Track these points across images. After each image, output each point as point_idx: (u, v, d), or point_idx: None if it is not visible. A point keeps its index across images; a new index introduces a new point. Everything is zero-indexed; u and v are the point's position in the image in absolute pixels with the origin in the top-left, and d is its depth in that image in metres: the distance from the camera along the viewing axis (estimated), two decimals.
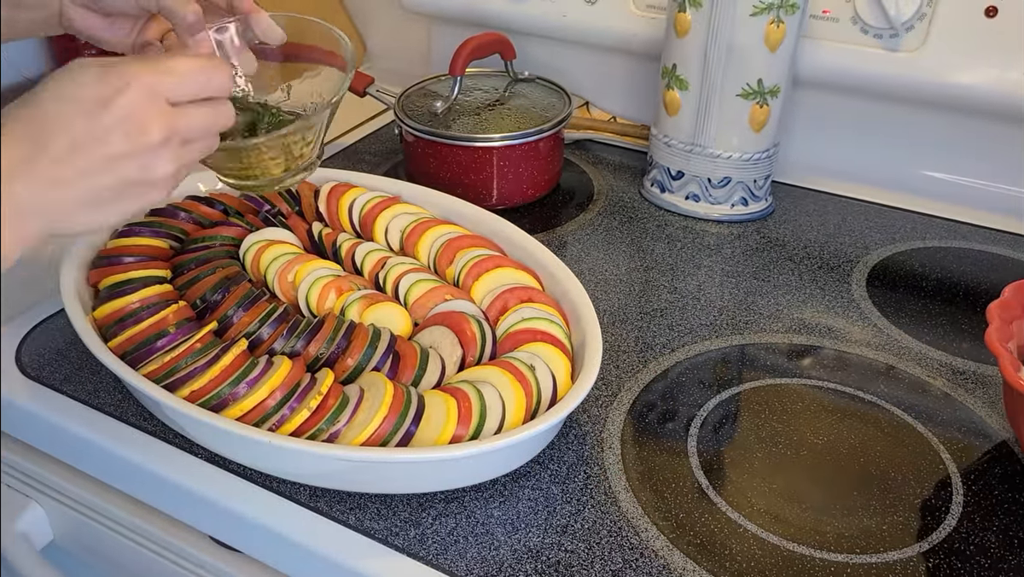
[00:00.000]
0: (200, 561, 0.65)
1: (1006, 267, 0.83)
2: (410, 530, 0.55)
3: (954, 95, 0.86)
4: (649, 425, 0.63)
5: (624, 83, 1.04)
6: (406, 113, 0.90)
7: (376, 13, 1.26)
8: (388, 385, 0.57)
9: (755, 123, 0.85)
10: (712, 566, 0.53)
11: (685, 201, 0.90)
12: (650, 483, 0.59)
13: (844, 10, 0.87)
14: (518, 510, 0.56)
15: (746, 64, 0.82)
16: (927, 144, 0.93)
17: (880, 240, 0.87)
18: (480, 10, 1.06)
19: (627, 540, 0.54)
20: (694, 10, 0.82)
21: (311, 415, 0.55)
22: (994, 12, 0.82)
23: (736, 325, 0.74)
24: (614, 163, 1.01)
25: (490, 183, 0.88)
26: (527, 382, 0.58)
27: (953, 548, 0.54)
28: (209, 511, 0.59)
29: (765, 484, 0.59)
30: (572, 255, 0.83)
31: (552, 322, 0.64)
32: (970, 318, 0.76)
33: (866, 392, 0.67)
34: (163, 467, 0.60)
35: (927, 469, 0.60)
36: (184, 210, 0.74)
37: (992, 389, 0.67)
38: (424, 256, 0.72)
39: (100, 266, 0.68)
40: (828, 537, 0.55)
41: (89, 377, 0.67)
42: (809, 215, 0.91)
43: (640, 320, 0.74)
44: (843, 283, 0.80)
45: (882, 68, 0.87)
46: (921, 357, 0.71)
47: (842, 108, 0.94)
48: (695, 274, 0.81)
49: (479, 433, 0.55)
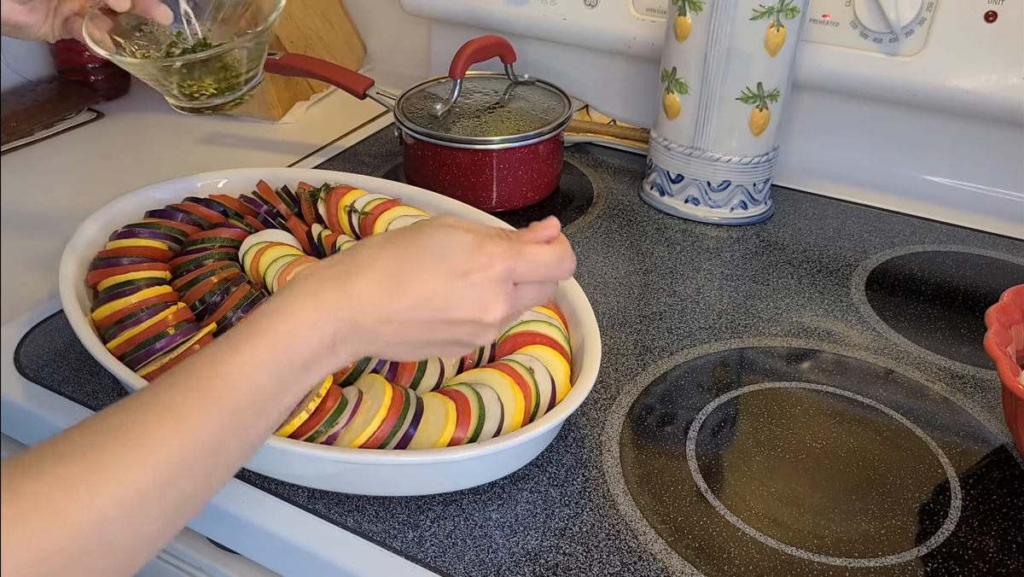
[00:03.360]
0: (198, 563, 0.65)
1: (1005, 271, 0.83)
2: (408, 532, 0.55)
3: (953, 99, 0.86)
4: (648, 428, 0.63)
5: (624, 86, 1.04)
6: (406, 115, 0.90)
7: (376, 15, 1.26)
8: (387, 387, 0.57)
9: (755, 127, 0.85)
10: (710, 569, 0.53)
11: (684, 204, 0.90)
12: (648, 486, 0.59)
13: (844, 14, 0.87)
14: (516, 513, 0.56)
15: (746, 68, 0.82)
16: (926, 148, 0.93)
17: (879, 244, 0.87)
18: (480, 13, 1.06)
19: (625, 543, 0.54)
20: (694, 13, 0.82)
21: (310, 417, 0.55)
22: (993, 17, 0.82)
23: (735, 328, 0.74)
24: (613, 166, 1.01)
25: (490, 186, 0.88)
26: (526, 385, 0.58)
27: (952, 552, 0.54)
28: (207, 513, 0.59)
29: (764, 488, 0.59)
30: None
31: (551, 325, 0.64)
32: (969, 322, 0.76)
33: (865, 396, 0.67)
34: None
35: (926, 473, 0.60)
36: (183, 211, 0.75)
37: (991, 393, 0.67)
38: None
39: (99, 267, 0.68)
40: (827, 541, 0.55)
41: (88, 379, 0.67)
42: (808, 219, 0.91)
43: (639, 323, 0.74)
44: (842, 287, 0.80)
45: (881, 72, 0.87)
46: (920, 361, 0.71)
47: (842, 112, 0.95)
48: (694, 277, 0.81)
49: (478, 436, 0.55)
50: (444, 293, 0.46)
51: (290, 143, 1.05)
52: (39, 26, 0.66)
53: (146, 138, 1.07)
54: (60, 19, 0.66)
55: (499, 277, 0.47)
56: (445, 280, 0.46)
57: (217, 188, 0.80)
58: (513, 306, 0.48)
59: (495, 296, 0.47)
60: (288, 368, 0.43)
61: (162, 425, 0.39)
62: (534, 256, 0.48)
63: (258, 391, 0.42)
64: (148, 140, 1.06)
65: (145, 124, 1.10)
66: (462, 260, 0.46)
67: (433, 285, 0.46)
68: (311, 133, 1.08)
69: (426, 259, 0.46)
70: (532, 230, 0.50)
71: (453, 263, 0.46)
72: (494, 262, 0.46)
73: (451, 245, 0.47)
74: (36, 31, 0.66)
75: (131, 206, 0.76)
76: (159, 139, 1.06)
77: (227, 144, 1.05)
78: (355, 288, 0.45)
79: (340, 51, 1.23)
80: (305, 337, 0.44)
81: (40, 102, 1.08)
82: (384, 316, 0.45)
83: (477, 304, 0.46)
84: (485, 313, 0.47)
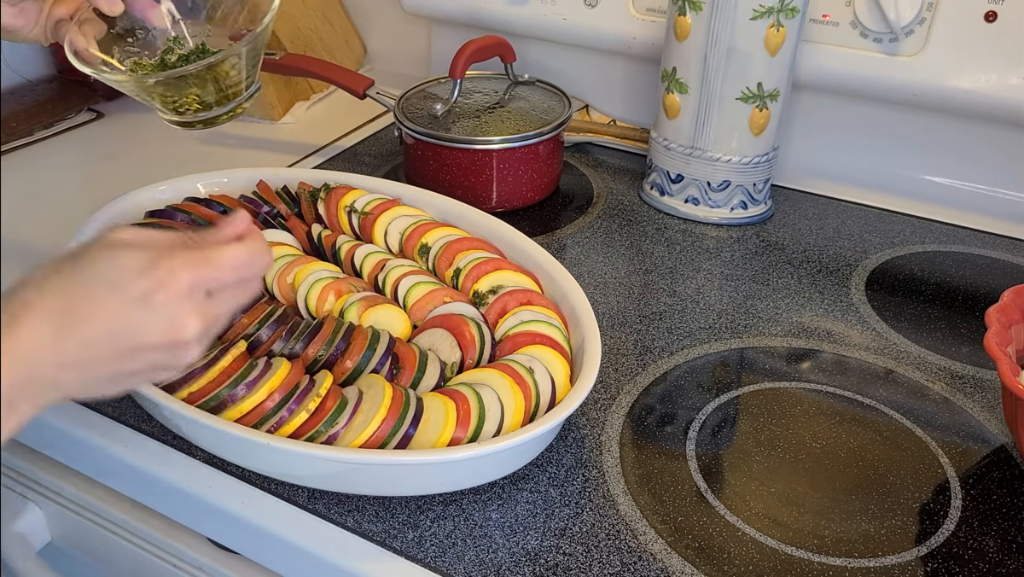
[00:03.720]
0: (198, 563, 0.65)
1: (1005, 271, 0.83)
2: (408, 532, 0.55)
3: (953, 99, 0.86)
4: (648, 428, 0.63)
5: (624, 86, 1.04)
6: (406, 115, 0.90)
7: (376, 15, 1.26)
8: (387, 387, 0.57)
9: (755, 127, 0.85)
10: (710, 569, 0.53)
11: (684, 204, 0.90)
12: (648, 486, 0.59)
13: (844, 14, 0.87)
14: (516, 513, 0.56)
15: (746, 68, 0.82)
16: (926, 148, 0.93)
17: (879, 244, 0.87)
18: (480, 13, 1.06)
19: (625, 543, 0.54)
20: (694, 13, 0.82)
21: (310, 417, 0.55)
22: (993, 17, 0.82)
23: (735, 328, 0.74)
24: (613, 166, 1.01)
25: (489, 186, 0.88)
26: (526, 385, 0.58)
27: (952, 552, 0.54)
28: (207, 513, 0.59)
29: (764, 488, 0.59)
30: (571, 258, 0.83)
31: (551, 325, 0.64)
32: (969, 322, 0.76)
33: (865, 396, 0.67)
34: (161, 469, 0.60)
35: (926, 473, 0.60)
36: (183, 212, 0.75)
37: (991, 393, 0.67)
38: (422, 258, 0.72)
39: None
40: (826, 541, 0.55)
41: None
42: (808, 219, 0.91)
43: (639, 323, 0.74)
44: (842, 287, 0.80)
45: (881, 72, 0.87)
46: (920, 361, 0.71)
47: (841, 112, 0.95)
48: (694, 277, 0.81)
49: (478, 436, 0.55)
50: (125, 322, 0.42)
51: (290, 143, 1.05)
52: (29, 28, 0.64)
53: (146, 138, 1.07)
54: (52, 22, 0.64)
55: (183, 292, 0.43)
56: (123, 308, 0.42)
57: (217, 188, 0.80)
58: (209, 317, 0.44)
59: (184, 313, 0.43)
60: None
61: None
62: (220, 259, 0.44)
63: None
64: (148, 140, 1.06)
65: (145, 124, 1.10)
66: (138, 282, 0.42)
67: (111, 316, 0.41)
68: (311, 133, 1.08)
69: (97, 288, 0.42)
70: (218, 229, 0.46)
71: (128, 288, 0.42)
72: (175, 276, 0.42)
73: (121, 268, 0.42)
74: (27, 34, 0.64)
75: (131, 206, 0.76)
76: (159, 139, 1.06)
77: (227, 144, 1.05)
78: (20, 337, 0.40)
79: (340, 51, 1.23)
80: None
81: (40, 102, 1.08)
82: (62, 361, 0.41)
83: (166, 326, 0.42)
84: (178, 333, 0.43)
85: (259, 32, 0.63)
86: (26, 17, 0.63)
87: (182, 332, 0.43)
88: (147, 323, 0.42)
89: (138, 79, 0.63)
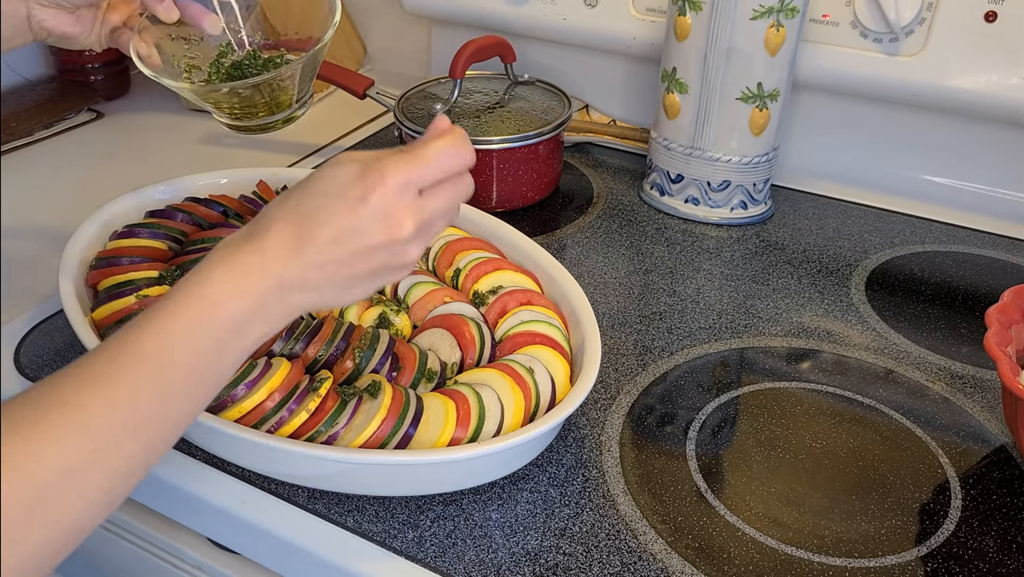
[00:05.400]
0: (198, 563, 0.65)
1: (1005, 271, 0.83)
2: (408, 532, 0.55)
3: (953, 99, 0.86)
4: (648, 428, 0.63)
5: (624, 86, 1.04)
6: (406, 115, 0.90)
7: (376, 15, 1.26)
8: (387, 387, 0.57)
9: (755, 127, 0.85)
10: (710, 569, 0.53)
11: (684, 204, 0.90)
12: (648, 486, 0.59)
13: (844, 14, 0.87)
14: (516, 513, 0.56)
15: (746, 68, 0.82)
16: (926, 148, 0.93)
17: (879, 244, 0.87)
18: (480, 13, 1.06)
19: (625, 543, 0.54)
20: (694, 14, 0.82)
21: (310, 417, 0.55)
22: (993, 17, 0.82)
23: (735, 328, 0.74)
24: (613, 166, 1.01)
25: (490, 186, 0.88)
26: (526, 385, 0.58)
27: (952, 552, 0.54)
28: (207, 513, 0.59)
29: (764, 488, 0.59)
30: (571, 258, 0.83)
31: (551, 325, 0.64)
32: (969, 322, 0.76)
33: (865, 396, 0.67)
34: (161, 469, 0.60)
35: (926, 473, 0.60)
36: (183, 211, 0.75)
37: (991, 393, 0.67)
38: (422, 258, 0.72)
39: (99, 268, 0.68)
40: (826, 541, 0.55)
41: None
42: (808, 219, 0.91)
43: (639, 323, 0.74)
44: (842, 287, 0.80)
45: (882, 72, 0.87)
46: (920, 361, 0.71)
47: (841, 112, 0.95)
48: (694, 277, 0.81)
49: (478, 436, 0.55)
50: (350, 224, 0.45)
51: (290, 143, 1.05)
52: (86, 35, 0.66)
53: (146, 138, 1.07)
54: (107, 29, 0.66)
55: (395, 191, 0.46)
56: (347, 212, 0.46)
57: (217, 188, 0.80)
58: (424, 213, 0.47)
59: (398, 210, 0.46)
60: (216, 336, 0.44)
61: (95, 396, 0.41)
62: (425, 155, 0.47)
63: (188, 359, 0.43)
64: (148, 140, 1.06)
65: (145, 124, 1.10)
66: (355, 188, 0.46)
67: (338, 220, 0.46)
68: (311, 133, 1.08)
69: (325, 199, 0.46)
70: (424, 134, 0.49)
71: (348, 194, 0.46)
72: (384, 178, 0.46)
73: (342, 178, 0.46)
74: (83, 40, 0.66)
75: (131, 206, 0.76)
76: (159, 139, 1.06)
77: (227, 144, 1.05)
78: (268, 246, 0.45)
79: (340, 51, 1.23)
80: (229, 303, 0.44)
81: (40, 102, 1.08)
82: (304, 264, 0.45)
83: (385, 224, 0.46)
84: (393, 231, 0.46)
85: (323, 44, 0.65)
86: (83, 24, 0.66)
87: (398, 230, 0.46)
88: (367, 224, 0.46)
89: (211, 87, 0.65)
